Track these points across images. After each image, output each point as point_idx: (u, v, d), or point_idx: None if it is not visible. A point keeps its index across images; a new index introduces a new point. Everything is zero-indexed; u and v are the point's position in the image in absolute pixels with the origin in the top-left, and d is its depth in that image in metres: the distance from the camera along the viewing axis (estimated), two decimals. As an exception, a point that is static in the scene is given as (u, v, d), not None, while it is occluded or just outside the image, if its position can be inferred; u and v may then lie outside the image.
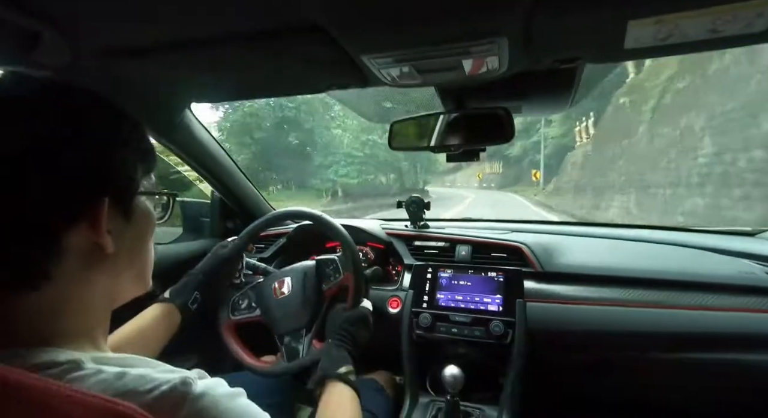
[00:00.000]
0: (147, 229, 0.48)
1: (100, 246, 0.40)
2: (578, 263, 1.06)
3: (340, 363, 0.75)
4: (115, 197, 0.42)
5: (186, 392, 0.37)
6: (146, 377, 0.36)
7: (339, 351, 0.79)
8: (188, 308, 0.87)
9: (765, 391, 0.91)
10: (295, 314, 0.95)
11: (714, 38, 0.58)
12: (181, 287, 0.90)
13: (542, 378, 1.03)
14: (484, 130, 0.89)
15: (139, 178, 0.45)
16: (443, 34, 0.58)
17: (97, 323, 0.43)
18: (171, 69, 0.75)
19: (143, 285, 0.50)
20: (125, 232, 0.44)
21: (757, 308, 0.88)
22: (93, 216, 0.39)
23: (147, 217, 0.47)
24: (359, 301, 0.91)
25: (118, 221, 0.43)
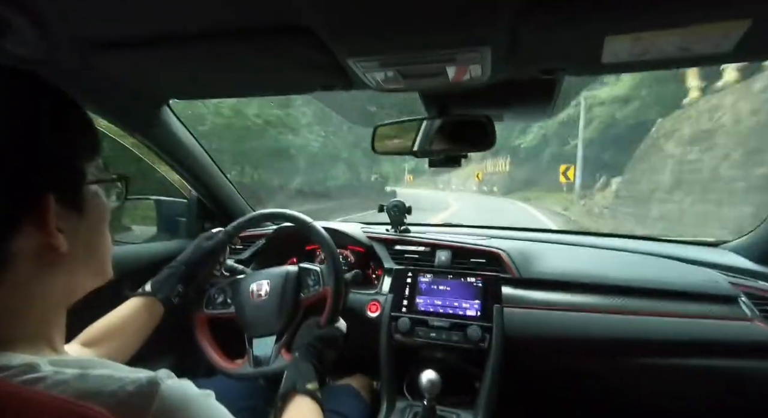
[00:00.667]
0: (101, 218, 0.45)
1: (52, 246, 0.37)
2: (554, 270, 1.08)
3: (309, 379, 0.72)
4: (61, 192, 0.38)
5: (153, 392, 0.35)
6: (109, 377, 0.35)
7: (309, 367, 0.76)
8: (171, 301, 0.84)
9: (729, 394, 0.95)
10: (269, 319, 0.93)
11: (685, 56, 0.61)
12: (164, 279, 0.87)
13: (518, 383, 1.05)
14: (466, 136, 0.91)
15: (84, 167, 0.42)
16: (429, 40, 0.58)
17: (54, 323, 0.41)
18: (150, 64, 0.73)
19: (103, 275, 0.47)
20: (79, 226, 0.41)
21: (721, 315, 0.92)
22: (38, 216, 0.36)
23: (100, 206, 0.44)
24: (335, 319, 0.89)
25: (70, 217, 0.40)
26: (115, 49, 0.65)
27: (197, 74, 0.79)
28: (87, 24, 0.60)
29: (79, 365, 0.36)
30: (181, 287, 0.87)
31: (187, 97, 1.02)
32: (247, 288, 0.98)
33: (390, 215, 1.32)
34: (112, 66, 0.72)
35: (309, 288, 0.97)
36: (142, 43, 0.63)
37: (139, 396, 0.34)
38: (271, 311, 0.94)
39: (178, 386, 0.37)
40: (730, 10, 0.50)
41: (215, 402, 0.41)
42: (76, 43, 0.65)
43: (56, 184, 0.38)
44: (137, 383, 0.35)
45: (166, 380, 0.37)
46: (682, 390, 0.98)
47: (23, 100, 0.38)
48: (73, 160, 0.40)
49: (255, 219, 1.04)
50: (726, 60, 0.65)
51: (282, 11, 0.54)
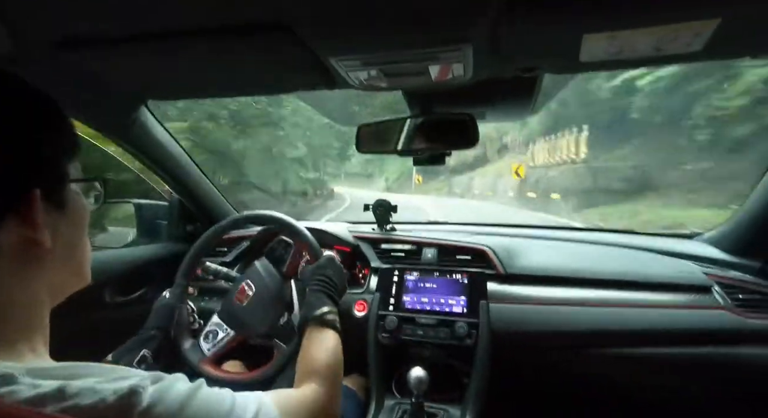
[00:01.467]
0: (82, 218, 0.45)
1: (36, 242, 0.37)
2: (538, 265, 1.10)
3: (318, 306, 0.77)
4: (46, 188, 0.39)
5: (134, 403, 0.34)
6: (89, 389, 0.33)
7: (316, 296, 0.80)
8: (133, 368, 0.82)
9: (704, 380, 0.99)
10: (270, 309, 0.94)
11: (659, 55, 0.63)
12: (126, 348, 0.85)
13: (505, 377, 1.06)
14: (449, 134, 0.91)
15: (66, 165, 0.42)
16: (411, 39, 0.59)
17: (36, 325, 0.40)
18: (125, 63, 0.71)
19: (83, 277, 0.46)
20: (60, 224, 0.41)
21: (696, 305, 0.96)
22: (24, 210, 0.36)
23: (80, 206, 0.45)
24: (319, 253, 0.92)
25: (52, 214, 0.40)
26: (87, 46, 0.63)
27: (175, 74, 0.77)
28: (57, 20, 0.58)
29: (61, 373, 0.35)
30: (147, 352, 0.85)
31: (165, 97, 1.00)
32: (231, 302, 0.97)
33: (375, 213, 1.32)
34: (84, 64, 0.70)
35: (284, 257, 0.97)
36: (115, 41, 0.62)
37: (119, 408, 0.33)
38: (266, 302, 0.94)
39: (164, 391, 0.36)
40: (700, 10, 0.52)
41: (206, 391, 0.40)
42: (46, 40, 0.62)
43: (42, 180, 0.39)
44: (118, 393, 0.33)
45: (150, 387, 0.36)
46: (661, 378, 1.02)
47: (8, 99, 0.39)
48: (57, 159, 0.41)
49: (226, 226, 1.03)
50: (697, 59, 0.67)
51: (263, 9, 0.54)
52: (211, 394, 0.41)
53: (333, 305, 0.79)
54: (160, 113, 1.06)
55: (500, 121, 1.10)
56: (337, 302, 0.82)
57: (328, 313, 0.76)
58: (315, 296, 0.81)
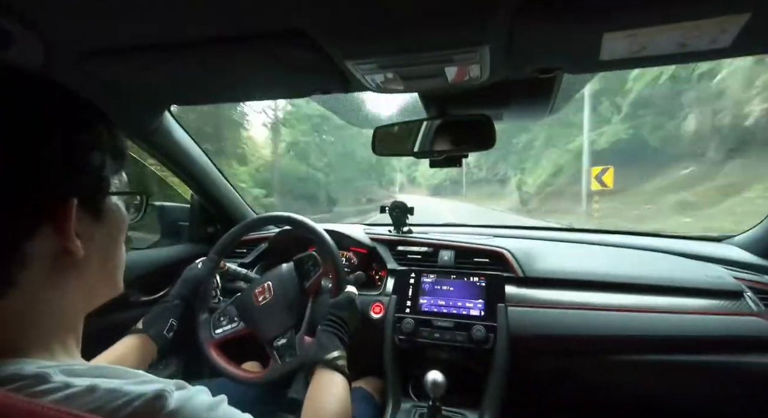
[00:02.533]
0: (119, 230, 0.46)
1: (69, 250, 0.38)
2: (558, 268, 1.08)
3: (329, 349, 0.76)
4: (85, 198, 0.39)
5: (160, 408, 0.34)
6: (118, 391, 0.34)
7: (328, 337, 0.79)
8: (164, 336, 0.85)
9: (735, 389, 0.94)
10: (282, 317, 0.94)
11: (683, 52, 0.61)
12: (155, 316, 0.87)
13: (523, 382, 1.04)
14: (466, 136, 0.91)
15: (109, 176, 0.43)
16: (427, 41, 0.59)
17: (70, 328, 0.41)
18: (150, 71, 0.73)
19: (115, 288, 0.47)
20: (95, 234, 0.41)
21: (726, 310, 0.92)
22: (60, 219, 0.37)
23: (118, 217, 0.45)
24: (343, 286, 0.92)
25: (88, 223, 0.40)
26: (113, 56, 0.66)
27: (196, 80, 0.79)
28: (85, 32, 0.61)
29: (92, 373, 0.36)
30: (174, 321, 0.88)
31: (186, 102, 1.03)
32: (251, 297, 0.98)
33: (392, 215, 1.32)
34: (110, 73, 0.73)
35: (309, 274, 0.98)
36: (139, 50, 0.64)
37: (144, 412, 0.34)
38: (281, 309, 0.95)
39: (188, 399, 0.37)
40: (729, 4, 0.50)
41: (227, 409, 0.41)
42: (75, 50, 0.65)
43: (81, 189, 0.39)
44: (144, 397, 0.34)
45: (175, 392, 0.36)
46: (689, 386, 0.98)
47: (59, 106, 0.39)
48: (100, 169, 0.41)
49: (248, 226, 1.05)
50: (724, 55, 0.65)
51: (279, 15, 0.54)
52: (233, 411, 0.42)
53: (343, 349, 0.78)
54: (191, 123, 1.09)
55: (518, 122, 1.09)
56: (347, 345, 0.80)
57: (338, 358, 0.75)
58: (328, 337, 0.79)
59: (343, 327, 0.83)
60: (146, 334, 0.83)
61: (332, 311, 0.85)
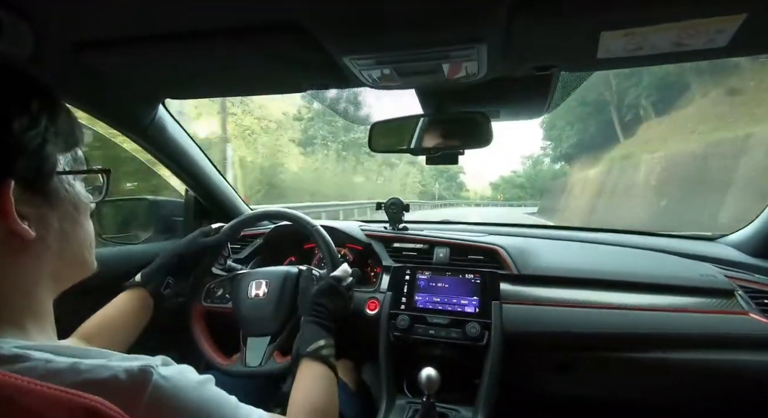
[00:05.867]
0: (76, 209, 0.45)
1: (16, 232, 0.37)
2: (552, 265, 1.09)
3: (312, 340, 0.73)
4: (27, 180, 0.38)
5: (146, 380, 0.35)
6: (102, 366, 0.34)
7: (311, 328, 0.77)
8: (160, 293, 0.84)
9: (725, 386, 0.96)
10: (265, 320, 0.94)
11: (680, 51, 0.61)
12: (153, 270, 0.87)
13: (517, 378, 1.05)
14: (463, 133, 0.91)
15: (55, 157, 0.41)
16: (425, 38, 0.58)
17: (40, 309, 0.41)
18: (144, 63, 0.73)
19: (85, 267, 0.47)
20: (49, 214, 0.41)
21: (717, 309, 0.93)
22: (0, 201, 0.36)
23: (74, 197, 0.44)
24: (336, 264, 0.92)
25: (38, 205, 0.40)
26: (106, 47, 0.65)
27: (191, 73, 0.78)
28: (79, 22, 0.60)
29: (71, 353, 0.36)
30: (171, 279, 0.87)
31: (181, 96, 1.02)
32: (246, 286, 0.98)
33: (388, 212, 1.32)
34: (104, 64, 0.72)
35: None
36: (133, 42, 0.63)
37: (131, 385, 0.34)
38: (267, 312, 0.94)
39: (173, 374, 0.37)
40: (726, 5, 0.50)
41: (213, 388, 0.41)
42: (68, 41, 0.64)
43: (18, 170, 0.38)
44: (130, 371, 0.35)
45: (160, 367, 0.37)
46: (680, 384, 0.99)
47: (6, 95, 0.38)
48: (39, 148, 0.39)
49: (254, 217, 1.05)
50: (720, 55, 0.65)
51: (276, 9, 0.54)
52: (219, 391, 0.42)
53: (328, 336, 0.75)
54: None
55: (515, 119, 1.09)
56: (333, 332, 0.78)
57: (323, 348, 0.72)
58: (309, 328, 0.77)
59: (326, 314, 0.80)
60: (144, 288, 0.82)
61: (314, 300, 0.82)
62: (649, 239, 1.26)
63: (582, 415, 1.14)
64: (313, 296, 0.83)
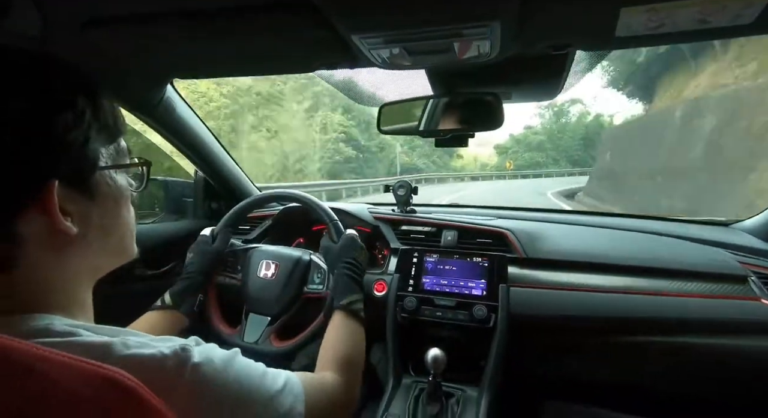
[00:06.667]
0: (118, 201, 0.45)
1: (60, 230, 0.37)
2: (561, 249, 1.08)
3: (347, 293, 0.80)
4: (69, 177, 0.38)
5: (187, 357, 0.37)
6: (147, 344, 0.37)
7: (346, 280, 0.83)
8: (194, 312, 0.87)
9: (736, 372, 0.96)
10: (269, 300, 0.97)
11: (703, 29, 0.59)
12: (183, 291, 0.88)
13: (523, 361, 1.06)
14: (474, 115, 0.89)
15: (98, 152, 0.41)
16: (436, 15, 0.56)
17: (84, 297, 0.43)
18: (152, 42, 0.72)
19: (125, 255, 0.48)
20: (91, 210, 0.41)
21: (729, 294, 0.92)
22: (44, 200, 0.36)
23: (116, 190, 0.44)
24: (340, 231, 0.96)
25: (80, 201, 0.39)
26: (113, 26, 0.64)
27: (199, 53, 0.78)
28: (86, 0, 0.59)
29: (114, 332, 0.38)
30: (202, 297, 0.91)
31: (189, 76, 1.01)
32: (257, 263, 1.00)
33: (396, 195, 1.31)
34: (111, 44, 0.71)
35: (313, 283, 0.99)
36: (141, 21, 0.62)
37: (174, 361, 0.36)
38: (273, 294, 0.97)
39: (209, 350, 0.40)
40: None
41: (243, 359, 0.44)
42: (75, 19, 0.63)
43: (62, 170, 0.37)
44: (172, 348, 0.37)
45: (195, 347, 0.39)
46: (689, 369, 0.99)
47: (30, 81, 0.37)
48: (83, 146, 0.39)
49: (254, 202, 1.07)
50: (745, 32, 0.62)
51: None
52: (247, 360, 0.45)
53: (360, 291, 0.81)
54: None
55: (527, 101, 1.06)
56: (362, 287, 0.84)
57: (356, 301, 0.78)
58: (344, 281, 0.83)
59: (358, 268, 0.86)
60: (178, 311, 0.85)
61: (342, 254, 0.87)
62: (661, 224, 1.24)
63: (587, 398, 1.15)
64: (341, 250, 0.89)
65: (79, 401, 0.28)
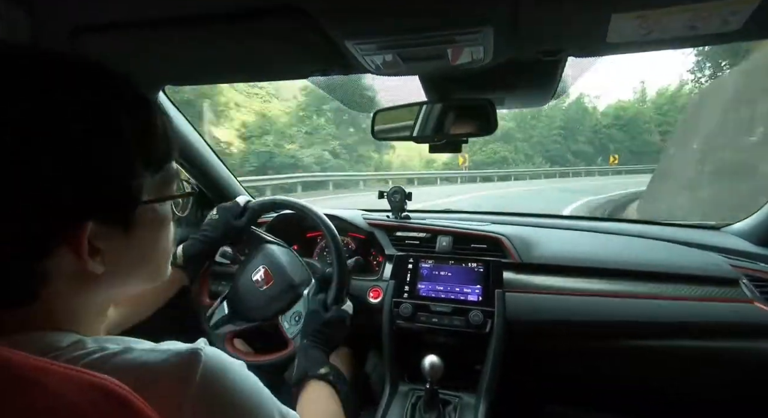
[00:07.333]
0: (157, 232, 0.41)
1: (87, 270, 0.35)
2: (556, 254, 1.08)
3: (320, 364, 0.75)
4: (105, 215, 0.34)
5: (197, 360, 0.36)
6: (154, 350, 0.36)
7: (317, 353, 0.78)
8: (198, 276, 0.91)
9: (728, 374, 0.96)
10: (245, 305, 0.95)
11: (692, 35, 0.60)
12: (197, 256, 0.90)
13: (519, 366, 1.06)
14: (467, 121, 0.90)
15: (140, 183, 0.36)
16: (429, 21, 0.57)
17: (97, 320, 0.42)
18: (144, 49, 0.71)
19: (157, 280, 0.44)
20: (127, 243, 0.37)
21: (722, 297, 0.93)
22: (74, 241, 0.33)
23: (157, 220, 0.40)
24: (341, 300, 0.91)
25: (115, 237, 0.36)
26: (103, 32, 0.63)
27: (191, 59, 0.77)
28: (76, 6, 0.59)
29: (120, 342, 0.37)
30: (208, 262, 0.93)
31: (181, 82, 1.00)
32: (257, 264, 0.97)
33: (390, 201, 1.31)
34: (102, 50, 0.71)
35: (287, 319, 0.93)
36: (132, 27, 0.62)
37: (183, 365, 0.35)
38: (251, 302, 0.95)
39: (217, 353, 0.38)
40: None
41: (248, 371, 0.42)
42: (65, 26, 0.63)
43: (99, 208, 0.33)
44: (180, 354, 0.36)
45: (206, 348, 0.38)
46: (683, 372, 1.00)
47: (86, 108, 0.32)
48: (124, 179, 0.35)
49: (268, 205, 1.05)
50: (734, 38, 0.63)
51: None
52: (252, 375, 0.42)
53: (329, 363, 0.76)
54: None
55: (520, 107, 1.07)
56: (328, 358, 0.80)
57: (329, 373, 0.73)
58: (315, 352, 0.78)
59: (329, 343, 0.82)
60: (184, 271, 0.87)
61: (322, 329, 0.83)
62: (653, 228, 1.25)
63: (584, 402, 1.15)
64: (322, 324, 0.84)
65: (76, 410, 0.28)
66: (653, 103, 33.27)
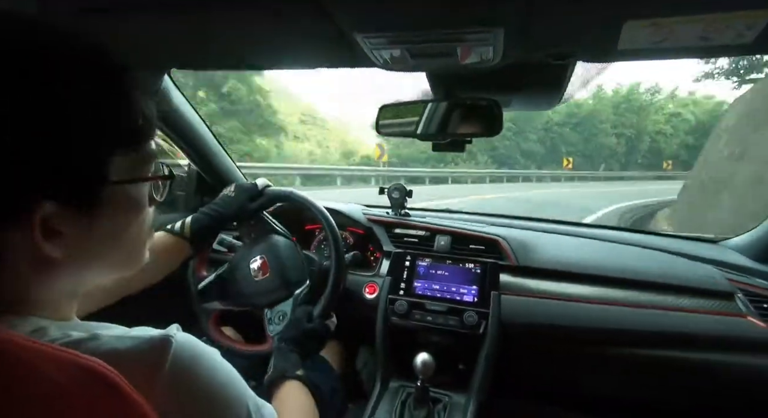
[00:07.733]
0: (128, 216, 0.38)
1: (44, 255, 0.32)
2: (553, 259, 1.08)
3: (296, 366, 0.73)
4: (66, 195, 0.31)
5: (167, 347, 0.35)
6: (123, 336, 0.35)
7: (293, 355, 0.77)
8: (203, 250, 0.90)
9: (719, 387, 0.97)
10: (237, 289, 0.95)
11: (704, 46, 0.59)
12: (205, 227, 0.86)
13: (511, 368, 1.06)
14: (472, 121, 0.89)
15: (108, 160, 0.34)
16: (441, 18, 0.56)
17: (66, 304, 0.39)
18: (151, 31, 0.70)
19: (130, 267, 0.42)
20: (92, 228, 0.35)
21: (717, 310, 0.93)
22: (25, 222, 0.30)
23: (129, 204, 0.38)
24: (328, 314, 0.90)
25: (78, 220, 0.33)
26: (112, 14, 0.63)
27: (198, 43, 0.76)
28: None
29: (88, 328, 0.36)
30: (212, 238, 0.93)
31: (187, 67, 0.99)
32: (257, 253, 0.97)
33: (390, 198, 1.31)
34: (110, 30, 0.70)
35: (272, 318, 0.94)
36: (140, 8, 0.61)
37: (154, 351, 0.34)
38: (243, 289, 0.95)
39: (190, 340, 0.38)
40: None
41: (222, 359, 0.41)
42: (73, 5, 0.62)
43: (57, 187, 0.31)
44: (151, 340, 0.35)
45: (178, 334, 0.37)
46: (675, 382, 1.00)
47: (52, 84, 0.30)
48: (86, 156, 0.32)
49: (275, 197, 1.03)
50: (745, 52, 0.63)
51: None
52: (226, 363, 0.42)
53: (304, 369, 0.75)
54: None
55: (526, 109, 1.07)
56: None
57: (305, 376, 0.72)
58: (293, 356, 0.76)
59: (304, 352, 0.80)
60: (190, 243, 0.84)
61: (301, 339, 0.81)
62: (651, 238, 1.25)
63: (574, 407, 1.15)
64: (302, 333, 0.82)
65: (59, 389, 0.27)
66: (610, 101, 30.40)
